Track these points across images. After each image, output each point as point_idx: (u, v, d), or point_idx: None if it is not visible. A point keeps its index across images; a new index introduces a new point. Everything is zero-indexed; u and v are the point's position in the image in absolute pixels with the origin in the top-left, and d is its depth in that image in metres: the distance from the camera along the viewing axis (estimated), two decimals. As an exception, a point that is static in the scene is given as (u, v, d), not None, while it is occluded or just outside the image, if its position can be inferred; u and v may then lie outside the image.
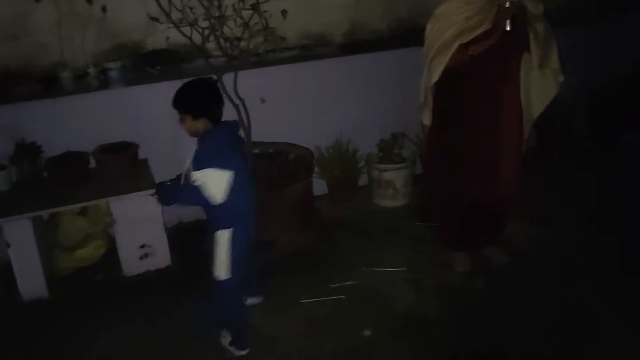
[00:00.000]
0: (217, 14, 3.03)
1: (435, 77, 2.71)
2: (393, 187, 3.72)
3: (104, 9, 3.29)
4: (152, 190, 2.85)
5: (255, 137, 3.34)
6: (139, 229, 3.10)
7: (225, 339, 2.57)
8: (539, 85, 2.79)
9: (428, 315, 2.74)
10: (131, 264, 3.14)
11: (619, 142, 4.43)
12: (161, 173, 3.33)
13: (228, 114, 3.16)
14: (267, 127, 3.43)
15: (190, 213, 3.62)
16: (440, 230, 3.18)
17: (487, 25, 2.59)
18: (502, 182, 2.86)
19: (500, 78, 2.73)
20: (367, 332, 2.66)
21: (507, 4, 2.51)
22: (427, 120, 2.89)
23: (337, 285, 2.97)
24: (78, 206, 3.08)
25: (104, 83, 3.39)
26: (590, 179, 3.96)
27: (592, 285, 2.88)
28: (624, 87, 4.40)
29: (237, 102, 3.20)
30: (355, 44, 3.97)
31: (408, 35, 3.92)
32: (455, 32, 2.64)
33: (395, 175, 3.70)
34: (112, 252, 3.21)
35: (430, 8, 2.84)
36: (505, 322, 2.67)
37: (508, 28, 2.54)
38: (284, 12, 3.11)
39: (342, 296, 2.87)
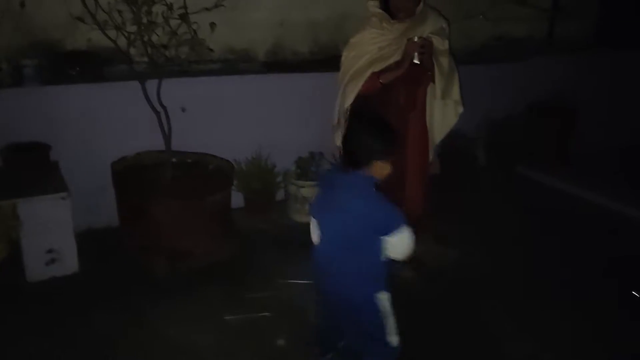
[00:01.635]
0: (145, 20, 3.02)
1: (349, 101, 2.92)
2: (309, 203, 3.82)
3: (22, 4, 3.17)
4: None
5: (175, 146, 3.34)
6: (46, 233, 2.97)
7: None
8: (440, 114, 3.06)
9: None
10: (36, 269, 2.99)
11: (513, 174, 4.86)
12: (73, 177, 3.26)
13: (148, 121, 3.17)
14: (187, 138, 3.44)
15: (102, 219, 3.52)
16: None
17: (397, 56, 2.83)
18: (406, 197, 3.03)
19: (408, 104, 2.95)
20: (280, 342, 2.72)
21: (416, 39, 2.75)
22: (338, 141, 3.04)
23: (254, 295, 3.00)
24: (-20, 206, 2.91)
25: (18, 80, 3.25)
26: (489, 205, 4.29)
27: (494, 306, 3.10)
28: (518, 124, 4.85)
29: (159, 109, 3.20)
30: (277, 63, 4.08)
31: (328, 60, 4.08)
32: (369, 60, 2.86)
33: (312, 192, 3.81)
34: (15, 257, 3.04)
35: (349, 36, 3.04)
36: (406, 337, 2.82)
37: (416, 61, 2.77)
38: (212, 25, 3.17)
39: (267, 313, 2.89)
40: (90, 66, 3.46)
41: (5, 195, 2.90)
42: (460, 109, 3.06)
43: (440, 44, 2.92)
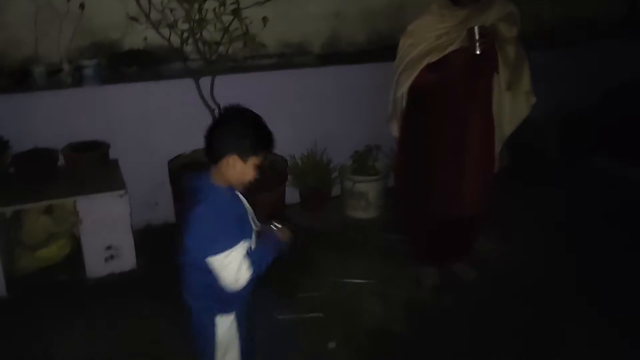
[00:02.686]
0: (197, 17, 3.01)
1: (401, 91, 2.77)
2: (366, 199, 3.72)
3: (82, 6, 3.23)
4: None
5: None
6: (105, 230, 3.03)
7: None
8: (510, 106, 2.82)
9: (393, 330, 2.73)
10: (95, 265, 3.06)
11: (589, 167, 4.53)
12: (132, 174, 3.31)
13: (202, 118, 3.17)
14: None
15: (158, 216, 3.57)
16: (410, 244, 3.18)
17: (456, 45, 2.63)
18: (467, 199, 2.85)
19: (467, 98, 2.74)
20: (332, 345, 2.64)
21: (476, 28, 2.55)
22: (394, 131, 2.93)
23: (306, 295, 2.94)
24: (44, 204, 3.01)
25: (78, 80, 3.33)
26: (560, 201, 4.02)
27: (557, 305, 2.91)
28: (595, 112, 4.51)
29: (213, 106, 3.19)
30: (333, 55, 3.99)
31: (386, 49, 3.94)
32: (425, 49, 2.68)
33: (368, 187, 3.71)
34: (76, 253, 3.14)
35: (408, 24, 2.88)
36: (469, 339, 2.69)
37: (477, 51, 2.57)
38: (264, 19, 3.12)
39: (319, 314, 2.82)
40: (146, 65, 3.50)
41: (65, 192, 2.98)
42: (533, 100, 2.81)
43: (508, 30, 2.68)
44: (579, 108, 4.48)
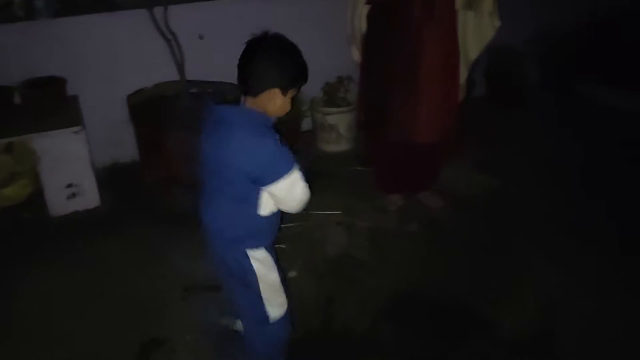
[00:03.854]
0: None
1: (355, 11, 2.64)
2: (337, 131, 3.64)
3: None
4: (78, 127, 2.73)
5: (193, 75, 3.22)
6: (65, 168, 2.97)
7: None
8: (474, 29, 2.68)
9: (355, 256, 2.73)
10: (58, 203, 3.03)
11: (570, 93, 4.40)
12: (93, 111, 3.23)
13: (160, 50, 3.05)
14: (206, 66, 3.30)
15: (125, 153, 3.50)
16: (374, 173, 3.12)
17: None
18: (424, 127, 2.72)
19: (423, 17, 2.56)
20: (292, 274, 2.63)
21: None
22: (355, 56, 2.82)
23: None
24: (2, 142, 2.94)
25: (30, 14, 3.18)
26: (537, 127, 3.93)
27: (524, 230, 2.88)
28: (579, 37, 4.34)
29: (169, 36, 3.06)
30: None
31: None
32: None
33: (338, 119, 3.62)
34: (39, 192, 3.10)
35: None
36: (433, 265, 2.67)
37: None
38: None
39: (283, 245, 2.79)
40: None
41: (21, 130, 2.91)
42: (497, 23, 2.66)
43: None
44: (562, 33, 4.31)
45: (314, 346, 2.25)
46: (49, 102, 3.07)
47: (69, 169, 2.98)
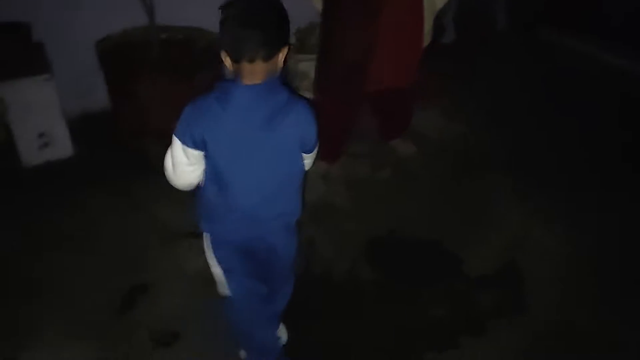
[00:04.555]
0: None
1: None
2: (308, 78, 3.64)
3: None
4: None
5: (167, 21, 3.15)
6: (35, 117, 2.91)
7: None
8: None
9: (335, 204, 2.81)
10: (30, 153, 2.98)
11: (536, 37, 4.48)
12: (60, 58, 3.14)
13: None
14: (177, 12, 3.23)
15: (96, 102, 3.44)
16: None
17: None
18: (385, 74, 2.68)
19: None
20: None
21: None
22: (316, 2, 2.77)
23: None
24: (-35, 92, 2.86)
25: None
26: (506, 73, 4.01)
27: (493, 178, 3.01)
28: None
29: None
30: None
31: None
32: None
33: (310, 66, 3.60)
34: (9, 143, 3.03)
35: None
36: (406, 209, 2.79)
37: None
38: None
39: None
40: None
41: (-12, 79, 2.83)
42: None
43: None
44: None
45: (295, 287, 2.35)
46: (14, 49, 2.95)
47: (39, 118, 2.93)
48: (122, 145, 3.13)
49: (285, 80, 1.63)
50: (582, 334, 2.16)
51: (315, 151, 1.69)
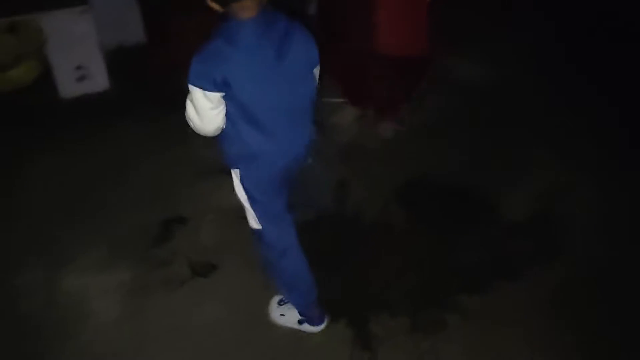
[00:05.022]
0: None
1: None
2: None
3: None
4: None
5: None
6: (73, 49, 2.93)
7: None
8: None
9: (366, 145, 2.79)
10: (67, 86, 3.02)
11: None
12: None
13: None
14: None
15: (131, 36, 3.43)
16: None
17: None
18: (389, 36, 2.47)
19: None
20: (309, 160, 2.70)
21: None
22: None
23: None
24: (4, 21, 2.86)
25: None
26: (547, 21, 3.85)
27: (528, 124, 2.95)
28: None
29: None
30: None
31: None
32: None
33: None
34: (48, 74, 3.06)
35: None
36: (440, 155, 2.76)
37: None
38: None
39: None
40: None
41: (27, 9, 2.82)
42: None
43: None
44: None
45: (327, 227, 2.37)
46: (52, -20, 2.95)
47: (77, 50, 2.95)
48: (158, 80, 3.14)
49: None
50: (616, 284, 2.14)
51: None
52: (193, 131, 1.66)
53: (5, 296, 2.06)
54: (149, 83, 3.12)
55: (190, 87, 1.52)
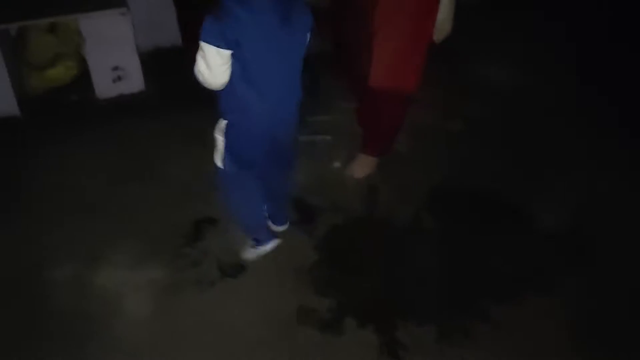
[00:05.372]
0: None
1: None
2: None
3: None
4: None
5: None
6: (110, 50, 2.99)
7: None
8: None
9: (400, 151, 2.78)
10: (104, 86, 3.08)
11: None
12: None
13: None
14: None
15: (167, 38, 3.48)
16: None
17: None
18: (381, 68, 2.31)
19: None
20: (336, 164, 2.71)
21: None
22: None
23: (316, 119, 2.93)
24: (45, 21, 2.94)
25: None
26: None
27: (564, 128, 2.91)
28: None
29: None
30: None
31: None
32: None
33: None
34: (85, 74, 3.13)
35: None
36: (473, 161, 2.73)
37: None
38: None
39: (328, 137, 2.87)
40: None
41: (66, 10, 2.89)
42: None
43: None
44: None
45: (356, 232, 2.37)
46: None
47: (114, 51, 3.00)
48: (192, 83, 3.17)
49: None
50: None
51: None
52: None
53: (38, 292, 2.11)
54: (184, 85, 3.14)
55: (204, 44, 1.64)
